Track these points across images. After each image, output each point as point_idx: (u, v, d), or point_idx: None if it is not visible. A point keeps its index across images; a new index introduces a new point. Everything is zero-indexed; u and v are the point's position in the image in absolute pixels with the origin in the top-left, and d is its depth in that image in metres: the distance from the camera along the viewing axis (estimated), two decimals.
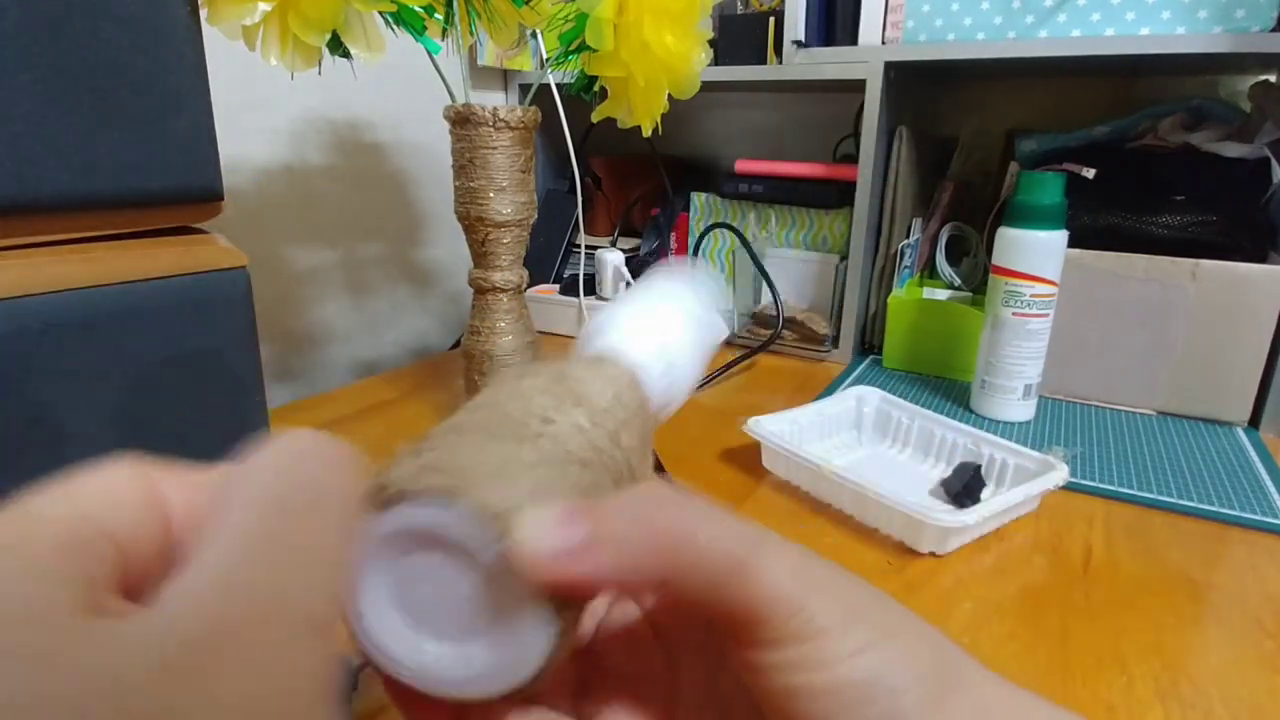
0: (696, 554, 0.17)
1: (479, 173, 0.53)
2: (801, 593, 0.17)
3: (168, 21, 0.39)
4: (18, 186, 0.36)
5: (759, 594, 0.17)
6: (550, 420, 0.21)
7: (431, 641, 0.18)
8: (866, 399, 0.62)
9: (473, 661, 0.18)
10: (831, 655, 0.17)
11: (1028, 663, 0.37)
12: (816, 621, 0.17)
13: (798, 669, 0.17)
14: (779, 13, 0.80)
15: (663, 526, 0.17)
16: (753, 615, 0.17)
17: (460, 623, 0.18)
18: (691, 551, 0.17)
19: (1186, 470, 0.58)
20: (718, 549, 0.17)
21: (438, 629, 0.18)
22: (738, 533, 0.17)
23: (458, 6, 0.51)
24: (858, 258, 0.81)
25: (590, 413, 0.22)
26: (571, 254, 1.01)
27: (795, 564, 0.17)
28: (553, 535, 0.17)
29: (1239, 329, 0.65)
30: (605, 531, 0.17)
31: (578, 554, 0.17)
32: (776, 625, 0.17)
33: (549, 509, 0.17)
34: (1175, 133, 0.71)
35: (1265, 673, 0.37)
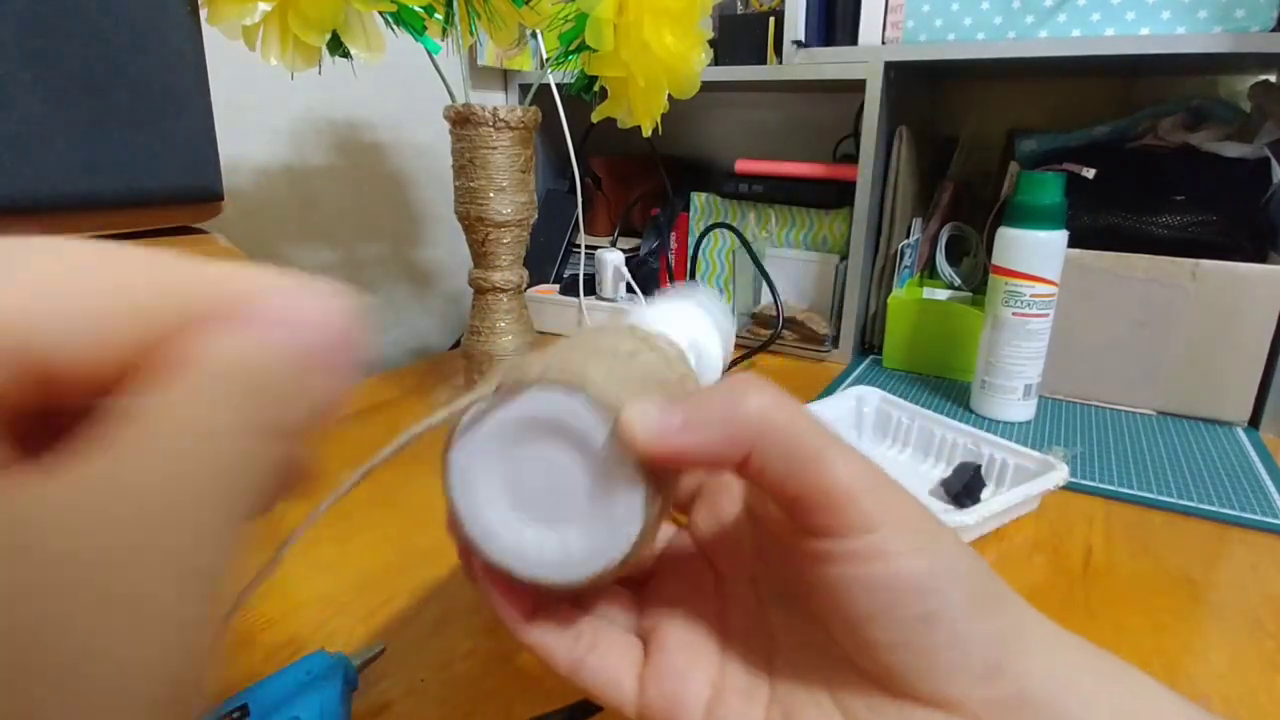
0: (780, 431, 0.18)
1: (479, 173, 0.53)
2: (867, 490, 0.18)
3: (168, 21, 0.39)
4: (18, 186, 0.36)
5: (834, 480, 0.18)
6: (636, 353, 0.23)
7: (533, 526, 0.21)
8: (866, 399, 0.62)
9: (569, 545, 0.20)
10: (890, 549, 0.18)
11: None
12: (879, 514, 0.18)
13: (858, 559, 0.18)
14: (779, 13, 0.80)
15: (752, 404, 0.19)
16: (823, 501, 0.18)
17: (563, 507, 0.20)
18: (776, 429, 0.18)
19: (1186, 470, 0.58)
20: (799, 432, 0.18)
21: (541, 514, 0.20)
22: (816, 427, 0.19)
23: (458, 6, 0.51)
24: (858, 258, 0.81)
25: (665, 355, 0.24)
26: (571, 254, 1.01)
27: (863, 466, 0.19)
28: (656, 418, 0.19)
29: (1239, 329, 0.65)
30: (701, 409, 0.19)
31: (678, 430, 0.19)
32: (844, 514, 0.18)
33: (652, 401, 0.19)
34: (1175, 133, 0.71)
35: (1265, 673, 0.37)
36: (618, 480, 0.19)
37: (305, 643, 0.37)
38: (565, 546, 0.20)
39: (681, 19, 0.51)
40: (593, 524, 0.20)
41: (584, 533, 0.20)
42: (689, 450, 0.19)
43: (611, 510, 0.20)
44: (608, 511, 0.20)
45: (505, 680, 0.35)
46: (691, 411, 0.19)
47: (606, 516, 0.20)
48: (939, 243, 0.85)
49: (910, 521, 0.18)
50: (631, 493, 0.19)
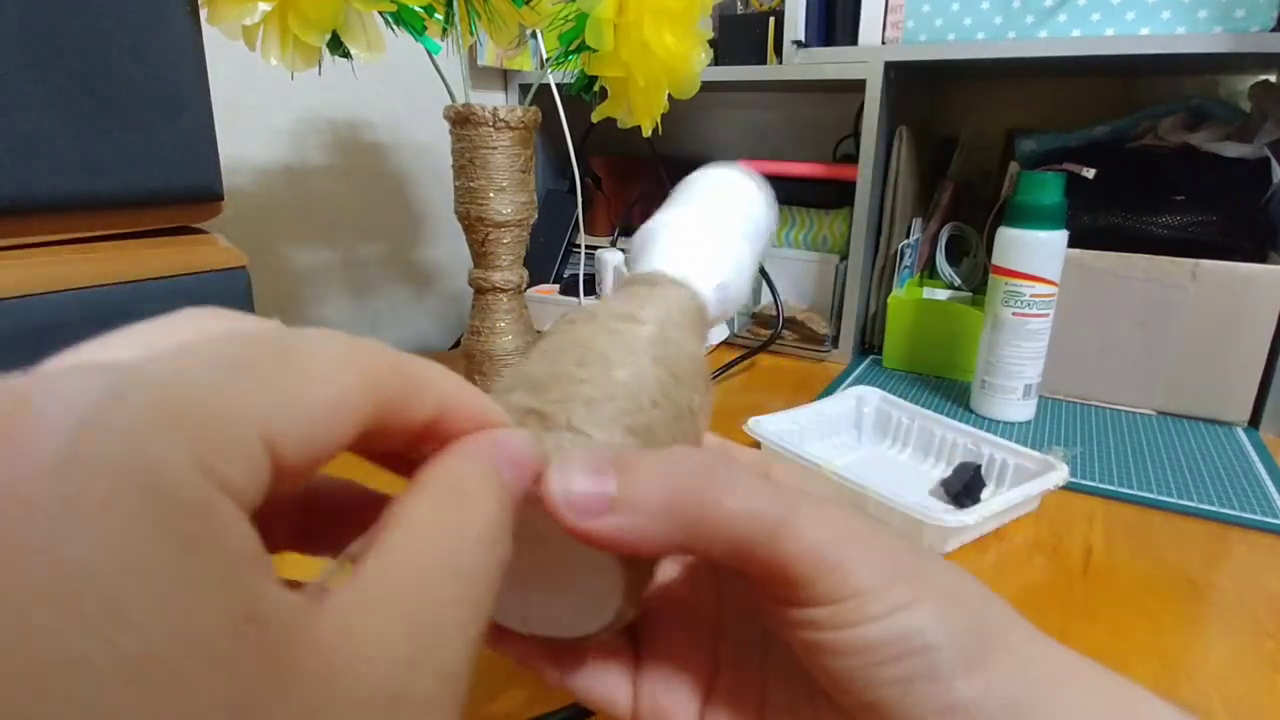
0: (720, 521, 0.17)
1: (479, 173, 0.53)
2: (839, 553, 0.17)
3: (168, 21, 0.40)
4: (18, 186, 0.36)
5: (795, 553, 0.17)
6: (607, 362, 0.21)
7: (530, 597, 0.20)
8: (866, 399, 0.62)
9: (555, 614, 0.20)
10: (865, 614, 0.16)
11: None
12: (852, 581, 0.17)
13: (829, 626, 0.17)
14: (779, 13, 0.80)
15: (689, 491, 0.17)
16: (787, 576, 0.17)
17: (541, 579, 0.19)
18: (715, 519, 0.17)
19: (1186, 470, 0.58)
20: (747, 515, 0.17)
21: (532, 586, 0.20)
22: (771, 496, 0.17)
23: (458, 6, 0.51)
24: (858, 258, 0.81)
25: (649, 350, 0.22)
26: (571, 254, 1.01)
27: (835, 523, 0.17)
28: (578, 488, 0.17)
29: (1239, 329, 0.65)
30: (631, 490, 0.17)
31: (602, 510, 0.17)
32: (812, 585, 0.17)
33: (578, 457, 0.17)
34: (1175, 133, 0.71)
35: (1265, 673, 0.37)
36: (581, 552, 0.18)
37: None
38: (550, 615, 0.20)
39: (681, 19, 0.51)
40: (573, 597, 0.19)
41: (566, 604, 0.19)
42: (624, 537, 0.17)
43: (588, 583, 0.19)
44: (585, 584, 0.19)
45: (505, 680, 0.35)
46: (625, 486, 0.17)
47: (582, 588, 0.19)
48: (939, 243, 0.85)
49: (892, 578, 0.17)
50: (602, 565, 0.18)
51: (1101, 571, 0.45)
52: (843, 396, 0.62)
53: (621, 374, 0.21)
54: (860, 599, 0.16)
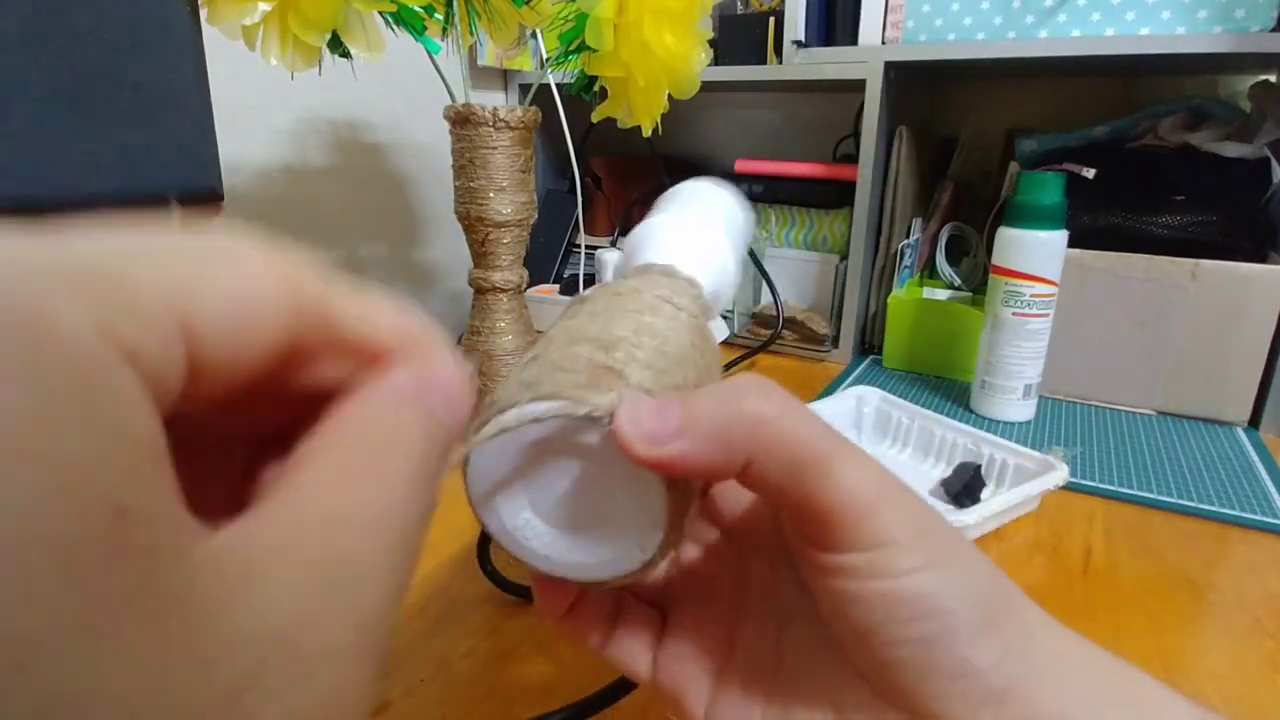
0: (780, 438, 0.17)
1: (479, 173, 0.53)
2: (876, 501, 0.17)
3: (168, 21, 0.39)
4: (18, 186, 0.36)
5: (837, 492, 0.17)
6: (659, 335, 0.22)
7: (555, 532, 0.20)
8: (866, 399, 0.62)
9: (593, 551, 0.20)
10: (896, 567, 0.17)
11: None
12: (886, 531, 0.17)
13: (862, 575, 0.17)
14: (779, 13, 0.80)
15: (750, 410, 0.17)
16: (828, 513, 0.17)
17: (583, 515, 0.20)
18: (775, 435, 0.17)
19: (1186, 470, 0.58)
20: (801, 438, 0.17)
21: (562, 521, 0.20)
22: (822, 430, 0.18)
23: (458, 6, 0.51)
24: (858, 258, 0.81)
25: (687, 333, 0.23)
26: (571, 254, 1.01)
27: (874, 472, 0.18)
28: (648, 421, 0.17)
29: (1239, 329, 0.65)
30: (696, 416, 0.18)
31: (672, 436, 0.17)
32: (849, 528, 0.17)
33: (643, 400, 0.18)
34: (1175, 133, 0.71)
35: (1265, 673, 0.37)
36: (632, 486, 0.19)
37: None
38: (589, 552, 0.21)
39: (681, 19, 0.51)
40: (614, 531, 0.20)
41: (606, 540, 0.20)
42: (685, 460, 0.17)
43: (630, 517, 0.20)
44: (627, 518, 0.20)
45: (505, 680, 0.35)
46: (687, 416, 0.18)
47: (626, 523, 0.20)
48: (939, 243, 0.85)
49: (919, 536, 0.17)
50: (648, 498, 0.19)
51: (1101, 571, 0.45)
52: (843, 396, 0.62)
53: (671, 349, 0.22)
54: (891, 550, 0.17)
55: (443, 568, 0.43)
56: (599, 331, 0.21)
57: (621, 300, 0.24)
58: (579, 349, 0.21)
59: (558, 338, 0.22)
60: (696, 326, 0.24)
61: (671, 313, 0.24)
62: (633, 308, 0.23)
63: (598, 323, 0.22)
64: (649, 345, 0.21)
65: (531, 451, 0.20)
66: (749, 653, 0.22)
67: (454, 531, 0.47)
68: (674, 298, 0.25)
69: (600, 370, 0.20)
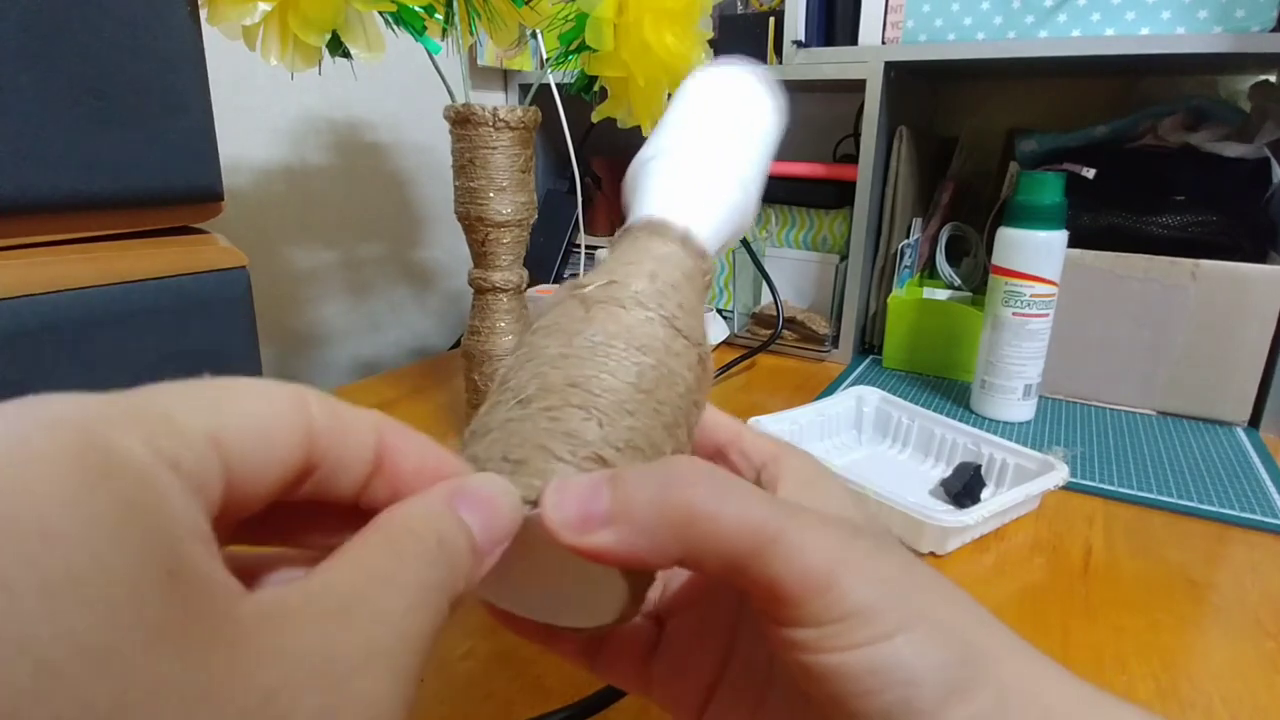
0: (715, 533, 0.16)
1: (479, 173, 0.53)
2: (833, 571, 0.16)
3: (168, 21, 0.40)
4: (18, 186, 0.36)
5: (786, 573, 0.16)
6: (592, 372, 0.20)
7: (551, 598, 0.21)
8: (866, 399, 0.62)
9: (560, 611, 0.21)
10: (852, 639, 0.16)
11: None
12: (845, 603, 0.16)
13: (816, 649, 0.16)
14: (779, 13, 0.80)
15: (682, 503, 0.17)
16: (777, 594, 0.16)
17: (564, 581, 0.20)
18: (709, 530, 0.16)
19: (1186, 470, 0.58)
20: (741, 527, 0.16)
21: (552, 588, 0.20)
22: (769, 509, 0.17)
23: (458, 6, 0.51)
24: (858, 258, 0.81)
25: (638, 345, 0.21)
26: (571, 254, 1.01)
27: (829, 542, 0.17)
28: (574, 505, 0.17)
29: (1239, 329, 0.65)
30: (627, 504, 0.17)
31: (600, 524, 0.17)
32: (802, 605, 0.16)
33: (572, 480, 0.18)
34: (1175, 133, 0.71)
35: (1265, 673, 0.37)
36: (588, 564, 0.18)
37: None
38: (565, 611, 0.21)
39: (681, 19, 0.51)
40: (581, 597, 0.20)
41: (577, 603, 0.20)
42: (614, 552, 0.17)
43: (592, 586, 0.19)
44: (590, 587, 0.19)
45: (505, 680, 0.35)
46: (618, 502, 0.17)
47: (590, 591, 0.19)
48: (939, 243, 0.85)
49: (883, 602, 0.16)
50: (605, 574, 0.18)
51: (1101, 571, 0.45)
52: (843, 396, 0.62)
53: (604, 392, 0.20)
54: (847, 623, 0.16)
55: None
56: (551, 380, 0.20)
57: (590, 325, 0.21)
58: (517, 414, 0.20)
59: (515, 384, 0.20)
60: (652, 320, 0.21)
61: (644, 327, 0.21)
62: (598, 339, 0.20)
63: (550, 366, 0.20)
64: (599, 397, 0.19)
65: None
66: (743, 667, 0.22)
67: None
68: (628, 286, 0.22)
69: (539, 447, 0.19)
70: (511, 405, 0.20)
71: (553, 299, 0.23)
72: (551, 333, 0.21)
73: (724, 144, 0.26)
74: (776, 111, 0.28)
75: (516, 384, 0.20)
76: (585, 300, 0.22)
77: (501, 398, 0.21)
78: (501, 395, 0.21)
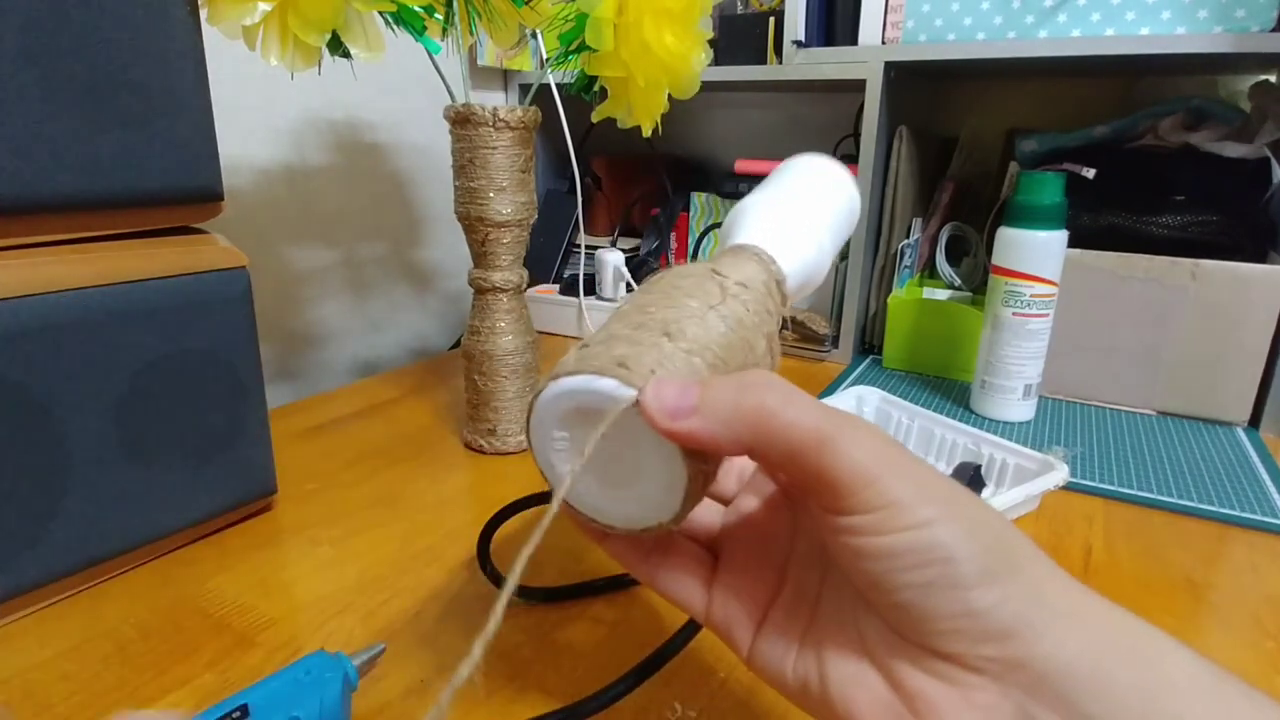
0: (777, 429, 0.20)
1: (479, 173, 0.53)
2: (877, 469, 0.19)
3: (168, 21, 0.40)
4: (18, 186, 0.36)
5: (838, 466, 0.19)
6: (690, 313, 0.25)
7: (612, 492, 0.24)
8: (866, 399, 0.62)
9: (627, 506, 0.24)
10: (896, 524, 0.19)
11: None
12: (889, 494, 0.19)
13: (865, 532, 0.19)
14: (779, 13, 0.80)
15: (754, 403, 0.20)
16: (831, 484, 0.20)
17: (619, 474, 0.23)
18: (776, 426, 0.20)
19: (1186, 470, 0.58)
20: (801, 425, 0.20)
21: (603, 477, 0.24)
22: (820, 414, 0.20)
23: (458, 6, 0.51)
24: (858, 258, 0.81)
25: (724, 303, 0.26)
26: (571, 254, 1.01)
27: (875, 445, 0.20)
28: (669, 399, 0.21)
29: (1239, 329, 0.65)
30: (710, 400, 0.21)
31: (687, 414, 0.21)
32: (852, 495, 0.19)
33: (667, 379, 0.22)
34: (1175, 133, 0.71)
35: (1265, 673, 0.37)
36: (658, 454, 0.22)
37: (305, 643, 0.37)
38: (624, 507, 0.24)
39: (681, 19, 0.51)
40: (642, 491, 0.23)
41: (637, 497, 0.24)
42: (696, 436, 0.21)
43: (655, 479, 0.23)
44: (652, 480, 0.23)
45: (505, 680, 0.35)
46: (704, 399, 0.21)
47: (653, 485, 0.23)
48: (939, 243, 0.85)
49: (923, 494, 0.19)
50: (671, 465, 0.22)
51: (1101, 571, 0.45)
52: (843, 396, 0.62)
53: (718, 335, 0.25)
54: (891, 510, 0.19)
55: (443, 569, 0.43)
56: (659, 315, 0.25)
57: (688, 284, 0.27)
58: (631, 330, 0.24)
59: (628, 315, 0.25)
60: (759, 312, 0.27)
61: (733, 301, 0.26)
62: (697, 293, 0.26)
63: (661, 305, 0.25)
64: (697, 332, 0.24)
65: (581, 412, 0.23)
66: (794, 594, 0.25)
67: (454, 534, 0.47)
68: (744, 284, 0.28)
69: (646, 349, 0.23)
70: (622, 327, 0.25)
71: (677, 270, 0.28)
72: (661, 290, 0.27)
73: (813, 210, 0.34)
74: (857, 208, 0.37)
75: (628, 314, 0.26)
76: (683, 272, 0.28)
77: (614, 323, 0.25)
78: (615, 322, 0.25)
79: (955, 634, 0.19)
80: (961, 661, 0.19)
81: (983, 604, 0.18)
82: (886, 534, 0.19)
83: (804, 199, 0.34)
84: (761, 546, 0.26)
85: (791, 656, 0.23)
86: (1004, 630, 0.18)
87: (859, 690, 0.21)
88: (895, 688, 0.20)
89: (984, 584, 0.18)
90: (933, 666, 0.20)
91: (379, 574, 0.43)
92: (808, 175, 0.36)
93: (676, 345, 0.24)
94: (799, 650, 0.23)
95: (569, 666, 0.36)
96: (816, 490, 0.20)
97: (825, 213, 0.34)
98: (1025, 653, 0.18)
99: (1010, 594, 0.19)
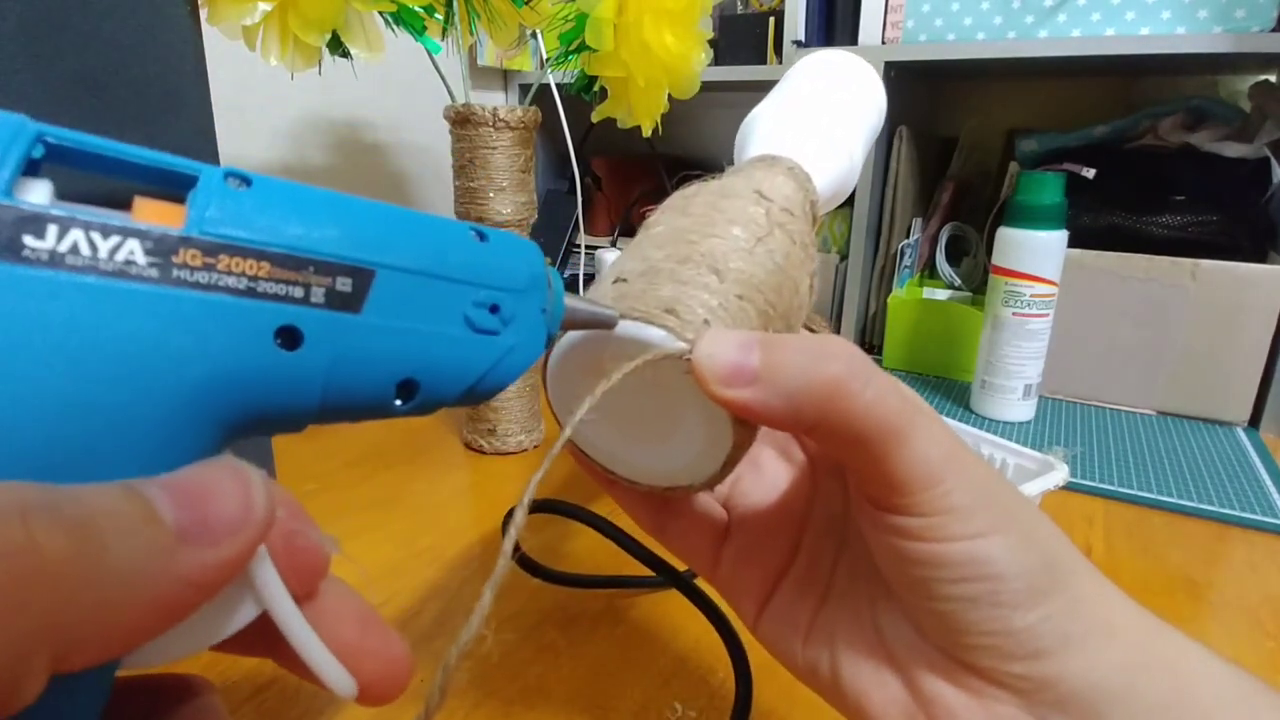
0: (855, 411, 0.17)
1: (479, 173, 0.53)
2: (943, 471, 0.18)
3: (168, 21, 0.39)
4: None
5: (907, 463, 0.17)
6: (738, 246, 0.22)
7: (638, 445, 0.21)
8: None
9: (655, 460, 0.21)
10: (950, 533, 0.17)
11: None
12: (949, 499, 0.17)
13: (917, 537, 0.18)
14: (779, 13, 0.80)
15: (831, 377, 0.17)
16: (895, 480, 0.18)
17: (651, 427, 0.21)
18: (851, 407, 0.17)
19: (1186, 470, 0.58)
20: (877, 411, 0.17)
21: (631, 429, 0.21)
22: (900, 401, 0.18)
23: (458, 6, 0.51)
24: (858, 258, 0.81)
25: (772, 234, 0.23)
26: (571, 254, 1.01)
27: (945, 445, 0.18)
28: (726, 359, 0.18)
29: (1239, 329, 0.65)
30: (776, 368, 0.17)
31: (747, 381, 0.17)
32: (911, 495, 0.18)
33: (725, 333, 0.18)
34: (1175, 133, 0.71)
35: (1265, 673, 0.37)
36: (702, 414, 0.19)
37: None
38: (648, 461, 0.21)
39: (681, 19, 0.51)
40: (674, 449, 0.20)
41: (666, 454, 0.21)
42: (752, 408, 0.18)
43: (693, 439, 0.20)
44: (690, 440, 0.20)
45: (505, 680, 0.35)
46: (767, 365, 0.18)
47: (688, 444, 0.20)
48: (939, 243, 0.85)
49: (980, 505, 0.18)
50: (716, 429, 0.19)
51: (1101, 571, 0.45)
52: None
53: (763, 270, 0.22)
54: (949, 517, 0.17)
55: (443, 569, 0.43)
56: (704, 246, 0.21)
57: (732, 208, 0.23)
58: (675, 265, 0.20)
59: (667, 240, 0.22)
60: (804, 245, 0.24)
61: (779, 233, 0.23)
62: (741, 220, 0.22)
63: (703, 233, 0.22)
64: (749, 271, 0.21)
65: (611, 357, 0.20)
66: (807, 567, 0.23)
67: (453, 534, 0.47)
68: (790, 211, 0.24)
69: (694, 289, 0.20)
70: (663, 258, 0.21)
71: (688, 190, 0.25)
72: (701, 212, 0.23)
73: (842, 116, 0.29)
74: (884, 108, 0.32)
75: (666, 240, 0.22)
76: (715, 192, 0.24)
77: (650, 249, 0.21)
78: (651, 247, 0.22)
79: (988, 650, 0.18)
80: (989, 677, 0.18)
81: (1023, 623, 0.18)
82: (939, 542, 0.18)
83: (830, 102, 0.29)
84: (778, 512, 0.25)
85: (801, 638, 0.22)
86: (1039, 650, 0.18)
87: (873, 688, 0.20)
88: (912, 690, 0.20)
89: (1029, 603, 0.18)
90: (955, 674, 0.19)
91: (379, 574, 0.43)
92: (829, 74, 0.31)
93: (728, 288, 0.20)
94: (810, 633, 0.22)
95: (569, 666, 0.35)
96: (871, 481, 0.18)
97: (854, 118, 0.30)
98: (1056, 671, 0.18)
99: (1051, 612, 0.18)
